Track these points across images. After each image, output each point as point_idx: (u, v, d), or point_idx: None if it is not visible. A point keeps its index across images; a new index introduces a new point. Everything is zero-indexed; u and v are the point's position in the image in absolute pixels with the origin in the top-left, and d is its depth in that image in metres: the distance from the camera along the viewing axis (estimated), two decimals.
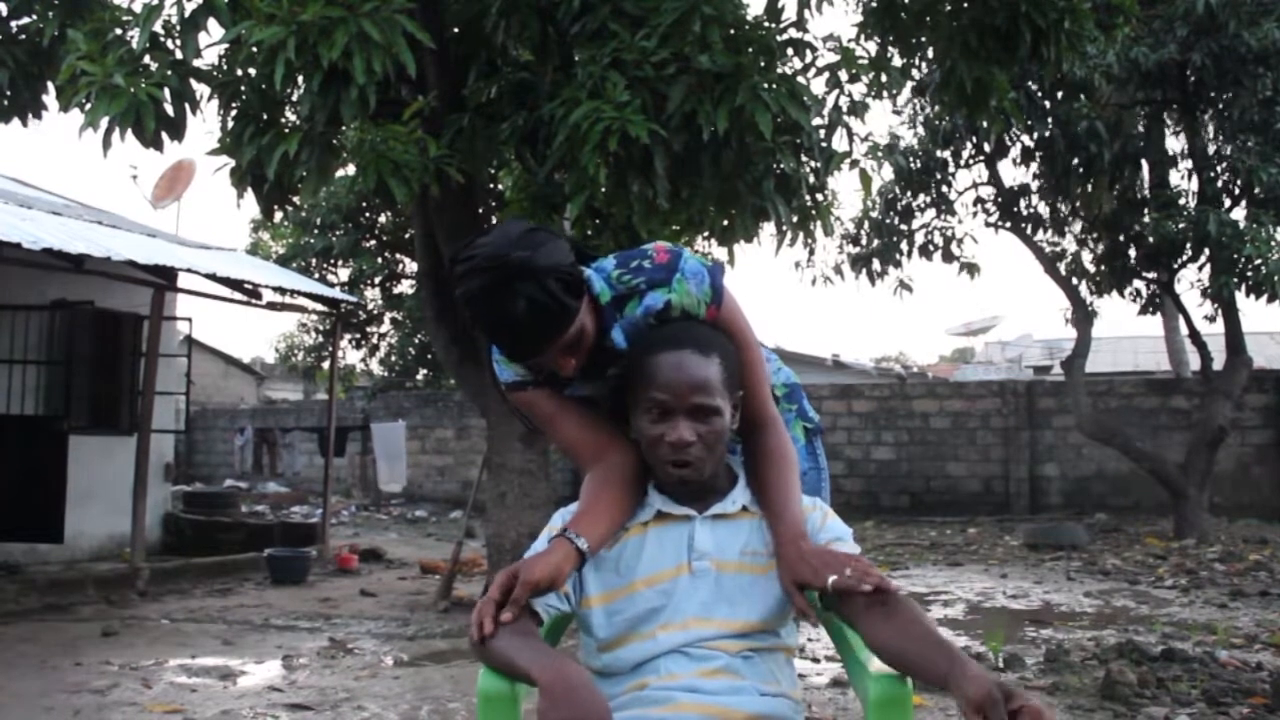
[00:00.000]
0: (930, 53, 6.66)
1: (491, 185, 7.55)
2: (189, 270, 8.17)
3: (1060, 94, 10.77)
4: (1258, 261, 10.19)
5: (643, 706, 1.61)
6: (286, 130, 5.19)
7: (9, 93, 6.33)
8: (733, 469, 1.79)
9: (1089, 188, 11.92)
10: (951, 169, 12.33)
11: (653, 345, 1.69)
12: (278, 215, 6.62)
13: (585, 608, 1.69)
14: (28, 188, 10.63)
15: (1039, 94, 10.67)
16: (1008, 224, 12.39)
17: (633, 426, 1.72)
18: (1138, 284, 12.19)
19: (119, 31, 5.19)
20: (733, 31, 5.14)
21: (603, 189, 5.26)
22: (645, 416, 1.67)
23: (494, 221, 7.08)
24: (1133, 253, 11.68)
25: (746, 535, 1.72)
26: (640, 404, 1.68)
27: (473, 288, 1.61)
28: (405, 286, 18.31)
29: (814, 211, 6.14)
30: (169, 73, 5.06)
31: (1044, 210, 12.51)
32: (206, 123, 12.48)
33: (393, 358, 19.57)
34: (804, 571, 1.62)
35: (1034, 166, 11.84)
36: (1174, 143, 11.96)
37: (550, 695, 1.39)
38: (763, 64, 5.14)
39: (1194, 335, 11.68)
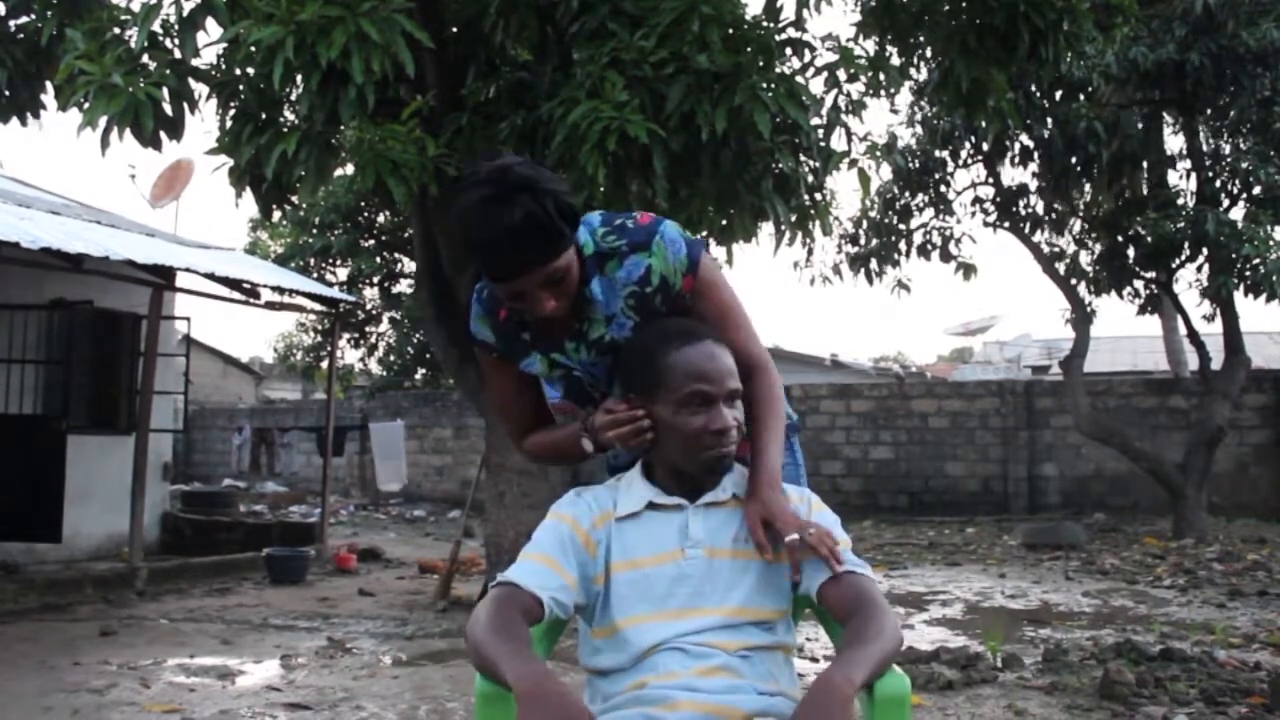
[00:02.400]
0: (929, 52, 6.66)
1: None
2: (187, 270, 8.17)
3: (1059, 94, 10.77)
4: (1256, 261, 10.20)
5: (641, 706, 1.61)
6: (285, 130, 5.19)
7: (7, 92, 6.32)
8: None
9: (1088, 188, 11.93)
10: (950, 169, 12.34)
11: (674, 341, 1.73)
12: (276, 215, 6.61)
13: (615, 571, 1.70)
14: (26, 187, 10.62)
15: (1037, 94, 10.67)
16: (1006, 224, 12.40)
17: (664, 425, 1.72)
18: (1136, 284, 12.19)
19: (117, 31, 5.18)
20: (731, 31, 5.14)
21: (601, 189, 5.25)
22: (685, 410, 1.70)
23: None
24: (1131, 252, 11.68)
25: (739, 523, 1.73)
26: (678, 399, 1.70)
27: (472, 199, 1.64)
28: (404, 286, 18.31)
29: (813, 211, 6.14)
30: (167, 72, 5.05)
31: (1042, 210, 12.53)
32: (205, 122, 12.53)
33: (391, 357, 19.55)
34: (770, 514, 1.69)
35: (1032, 166, 11.86)
36: (1172, 143, 12.01)
37: (527, 704, 1.39)
38: (761, 64, 5.14)
39: (1192, 335, 11.68)
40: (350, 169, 5.84)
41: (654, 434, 1.73)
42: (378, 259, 17.74)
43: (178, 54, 5.13)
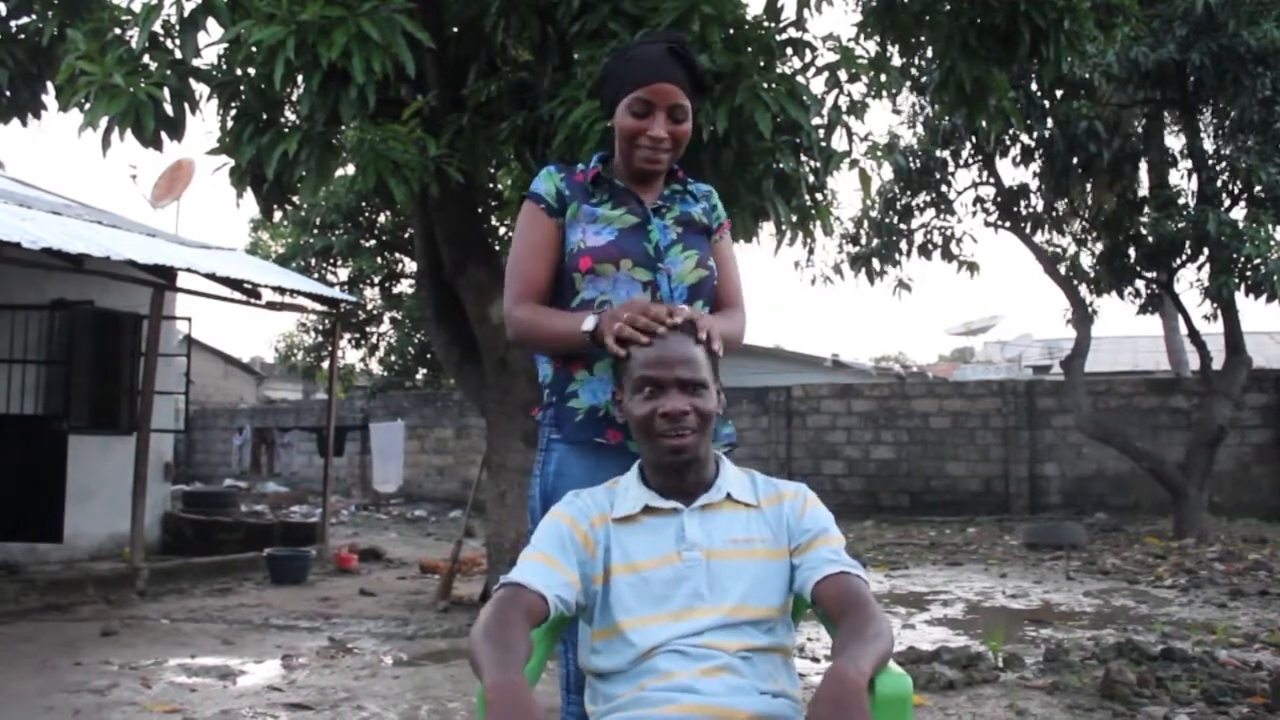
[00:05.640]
0: (930, 52, 6.65)
1: (491, 185, 7.54)
2: (188, 270, 8.17)
3: (1060, 94, 10.77)
4: (1257, 261, 10.20)
5: (642, 708, 1.61)
6: (286, 130, 5.18)
7: (8, 93, 6.32)
8: (716, 458, 1.85)
9: (1089, 187, 11.93)
10: (951, 168, 12.35)
11: None
12: (277, 215, 6.61)
13: (614, 574, 1.72)
14: (27, 187, 10.63)
15: (1038, 93, 10.67)
16: (1007, 223, 12.40)
17: (625, 414, 1.81)
18: (1137, 284, 12.19)
19: (118, 31, 5.18)
20: (732, 31, 5.13)
21: None
22: (637, 397, 1.76)
23: (493, 222, 7.08)
24: (1132, 252, 11.69)
25: (732, 523, 1.76)
26: (633, 387, 1.77)
27: (652, 39, 2.11)
28: (405, 286, 18.32)
29: (813, 211, 6.13)
30: (168, 72, 5.05)
31: (1043, 210, 12.52)
32: (206, 122, 12.51)
33: (392, 357, 19.55)
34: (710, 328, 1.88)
35: (1033, 166, 11.85)
36: (1173, 142, 12.00)
37: (492, 712, 1.41)
38: (762, 64, 5.13)
39: (1193, 335, 11.68)
40: (351, 169, 5.84)
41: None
42: (379, 259, 17.74)
43: (179, 54, 5.12)
